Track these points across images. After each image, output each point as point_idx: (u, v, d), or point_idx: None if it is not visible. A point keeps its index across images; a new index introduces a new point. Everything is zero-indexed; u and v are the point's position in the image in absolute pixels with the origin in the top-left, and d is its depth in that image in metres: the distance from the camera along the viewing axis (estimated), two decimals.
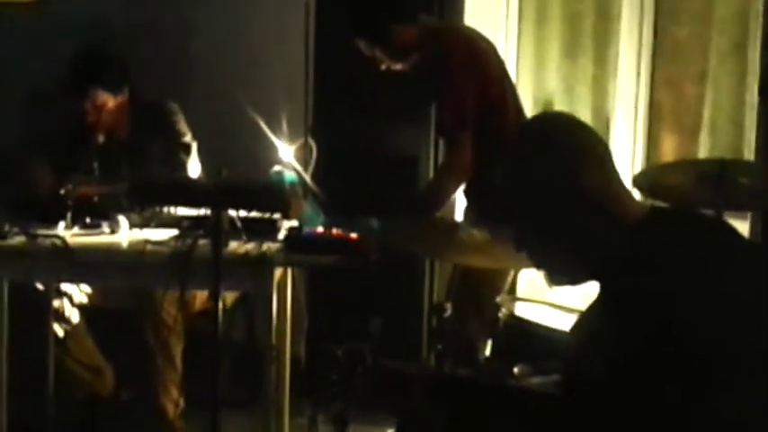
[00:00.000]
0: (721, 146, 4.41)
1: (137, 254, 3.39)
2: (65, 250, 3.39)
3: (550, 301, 3.52)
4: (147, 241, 3.43)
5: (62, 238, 3.43)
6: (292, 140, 3.79)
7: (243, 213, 3.39)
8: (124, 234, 3.58)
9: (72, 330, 4.14)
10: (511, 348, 3.23)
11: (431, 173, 4.64)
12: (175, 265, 3.27)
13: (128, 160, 4.14)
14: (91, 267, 3.47)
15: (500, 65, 4.01)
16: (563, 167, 1.91)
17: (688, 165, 3.92)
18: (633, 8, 4.56)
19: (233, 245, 3.31)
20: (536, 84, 4.79)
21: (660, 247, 1.85)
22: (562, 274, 2.02)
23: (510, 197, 1.99)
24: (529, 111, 4.30)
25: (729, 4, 4.42)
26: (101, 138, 4.27)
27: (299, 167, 3.69)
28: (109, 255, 3.45)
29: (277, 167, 3.65)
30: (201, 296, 3.90)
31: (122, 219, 3.60)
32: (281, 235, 3.47)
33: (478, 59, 3.87)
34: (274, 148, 3.72)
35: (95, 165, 4.20)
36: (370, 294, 4.26)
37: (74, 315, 4.11)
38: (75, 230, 3.59)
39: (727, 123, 4.43)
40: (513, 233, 2.02)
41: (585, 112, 4.64)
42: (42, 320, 4.04)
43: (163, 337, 3.94)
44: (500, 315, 3.34)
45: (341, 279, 4.01)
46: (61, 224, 3.59)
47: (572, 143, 1.95)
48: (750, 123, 4.31)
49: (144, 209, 3.63)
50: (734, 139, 4.40)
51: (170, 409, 4.00)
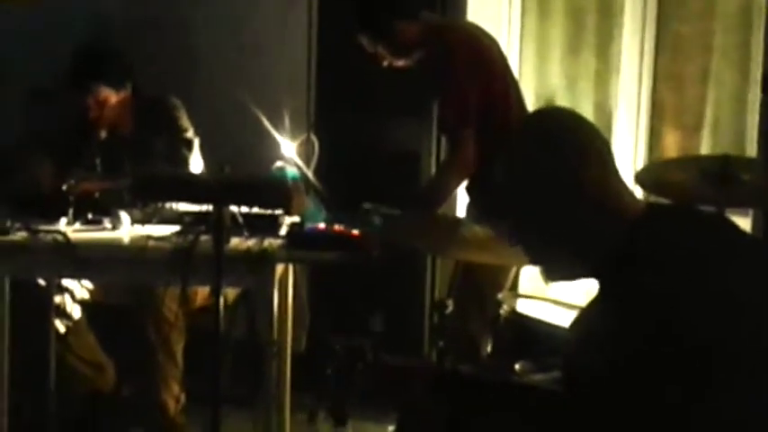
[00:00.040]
0: (724, 142, 4.41)
1: (138, 250, 3.39)
2: (66, 246, 3.38)
3: (552, 298, 3.52)
4: (149, 237, 3.43)
5: (64, 234, 3.42)
6: (294, 136, 3.79)
7: (245, 209, 3.39)
8: (126, 230, 3.58)
9: (73, 326, 4.13)
10: (512, 345, 3.23)
11: (433, 169, 4.64)
12: (177, 261, 3.27)
13: (130, 156, 4.13)
14: (92, 263, 3.47)
15: (503, 61, 4.01)
16: (563, 163, 1.90)
17: (690, 161, 3.91)
18: (636, 4, 4.56)
19: (235, 241, 3.31)
20: (539, 80, 4.79)
21: (659, 244, 1.84)
22: (559, 270, 2.02)
23: (510, 193, 1.98)
24: (531, 107, 4.29)
25: (732, 1, 4.42)
26: (103, 133, 4.28)
27: (301, 163, 3.69)
28: (110, 250, 3.45)
29: (279, 163, 3.65)
30: (203, 292, 3.90)
31: (124, 214, 3.60)
32: (283, 231, 3.47)
33: (481, 56, 3.86)
34: (276, 144, 3.72)
35: (97, 160, 4.20)
36: (371, 290, 4.26)
37: (75, 311, 4.11)
38: (76, 226, 3.59)
39: (729, 120, 4.43)
40: (508, 228, 2.02)
41: (588, 109, 4.63)
42: (44, 316, 4.03)
43: (164, 333, 3.94)
44: (502, 312, 3.34)
45: (343, 275, 4.00)
46: (63, 220, 3.59)
47: (573, 139, 1.94)
48: (753, 120, 4.31)
49: (146, 204, 3.63)
50: (736, 136, 4.40)
51: (171, 405, 4.00)
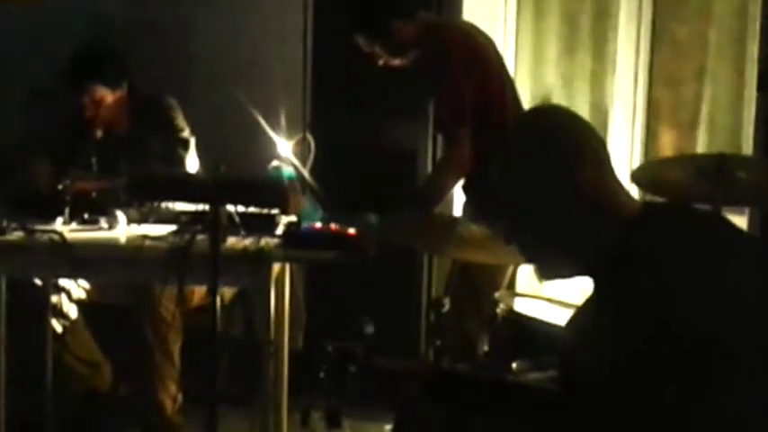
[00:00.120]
0: (720, 141, 4.41)
1: (135, 249, 3.39)
2: (63, 246, 3.38)
3: (549, 297, 3.52)
4: (146, 236, 3.42)
5: (60, 234, 3.42)
6: (291, 136, 3.79)
7: (241, 209, 3.40)
8: (122, 229, 3.58)
9: (70, 326, 4.13)
10: (509, 344, 3.23)
11: (429, 167, 4.64)
12: (173, 261, 3.27)
13: (126, 155, 4.13)
14: (89, 263, 3.46)
15: (499, 60, 4.01)
16: (559, 162, 1.90)
17: (687, 160, 3.92)
18: (631, 3, 4.56)
19: (231, 240, 3.31)
20: (534, 79, 4.79)
21: (655, 243, 1.84)
22: (554, 269, 2.01)
23: (506, 191, 1.98)
24: (527, 106, 4.30)
25: (727, 0, 4.41)
26: (99, 133, 4.27)
27: (298, 163, 3.69)
28: (107, 250, 3.45)
29: (275, 163, 3.65)
30: (200, 291, 3.90)
31: (120, 214, 3.59)
32: (280, 230, 3.47)
33: (477, 55, 3.87)
34: (272, 144, 3.72)
35: (93, 160, 4.20)
36: (368, 290, 4.26)
37: (72, 310, 4.11)
38: (73, 226, 3.59)
39: (725, 118, 4.43)
40: (504, 226, 2.01)
41: (584, 108, 4.63)
42: (40, 316, 4.03)
43: (161, 333, 3.94)
44: (498, 310, 3.34)
45: (339, 274, 4.00)
46: (59, 219, 3.59)
47: (569, 138, 1.94)
48: (748, 118, 4.30)
49: (142, 204, 3.62)
50: (732, 135, 4.40)
51: (168, 405, 4.00)
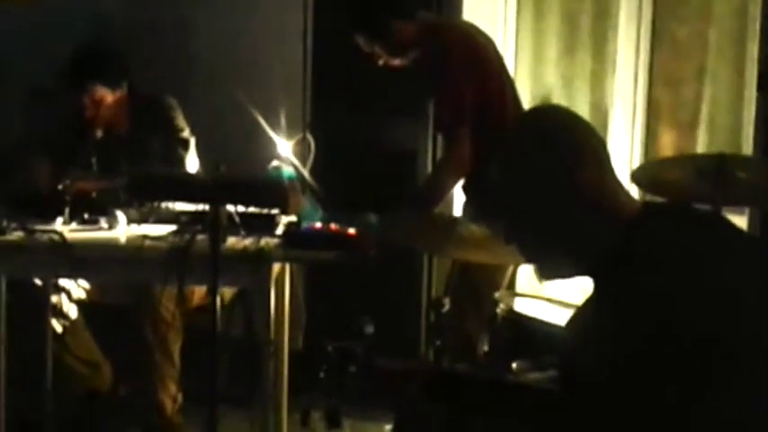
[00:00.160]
0: (720, 141, 4.40)
1: (135, 249, 3.38)
2: (63, 246, 3.38)
3: (549, 297, 3.52)
4: (146, 236, 3.42)
5: (60, 234, 3.42)
6: (290, 136, 3.79)
7: (241, 209, 3.39)
8: (122, 229, 3.58)
9: (70, 326, 4.13)
10: (509, 344, 3.23)
11: (429, 167, 4.64)
12: (173, 261, 3.27)
13: (126, 155, 4.13)
14: (89, 263, 3.46)
15: (498, 60, 4.01)
16: (559, 162, 1.90)
17: (687, 160, 3.92)
18: (631, 3, 4.56)
19: (231, 240, 3.31)
20: (534, 79, 4.79)
21: (655, 243, 1.84)
22: (554, 269, 2.01)
23: (506, 191, 1.98)
24: (527, 106, 4.29)
25: (727, 0, 4.41)
26: (99, 133, 4.27)
27: (298, 163, 3.69)
28: (107, 250, 3.45)
29: (275, 163, 3.65)
30: (200, 292, 3.90)
31: (120, 214, 3.59)
32: (280, 230, 3.47)
33: (477, 55, 3.87)
34: (272, 144, 3.72)
35: (93, 160, 4.20)
36: (368, 290, 4.26)
37: (72, 310, 4.11)
38: (73, 226, 3.59)
39: (725, 119, 4.43)
40: (504, 226, 2.01)
41: (584, 108, 4.63)
42: (40, 316, 4.03)
43: (161, 333, 3.94)
44: (499, 310, 3.34)
45: (339, 274, 4.00)
46: (59, 219, 3.58)
47: (569, 138, 1.93)
48: (748, 118, 4.30)
49: (142, 204, 3.62)
50: (732, 135, 4.40)
51: (168, 405, 4.00)
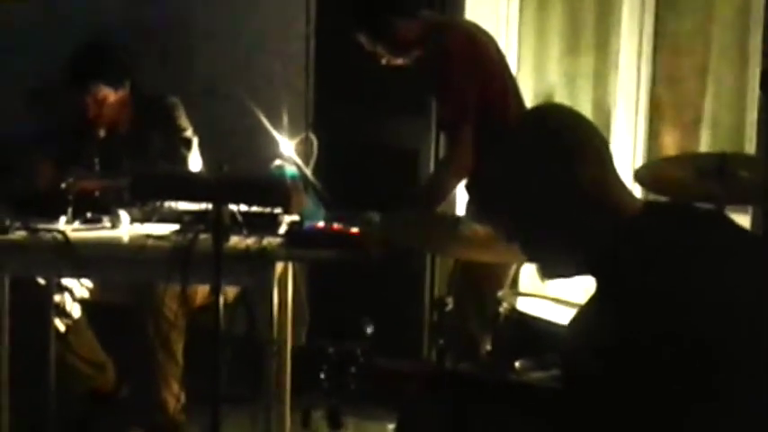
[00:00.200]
0: (722, 140, 4.40)
1: (138, 248, 3.39)
2: (66, 245, 3.38)
3: (552, 296, 3.52)
4: (148, 236, 3.43)
5: (63, 233, 3.42)
6: (293, 135, 3.79)
7: (244, 208, 3.40)
8: (125, 229, 3.58)
9: (73, 325, 4.13)
10: (512, 343, 3.23)
11: (432, 166, 4.64)
12: (176, 260, 3.27)
13: (129, 155, 4.13)
14: (92, 262, 3.47)
15: (501, 59, 4.01)
16: (561, 161, 1.90)
17: (689, 159, 3.91)
18: (634, 1, 4.55)
19: (234, 239, 3.31)
20: (537, 78, 4.78)
21: (656, 241, 1.84)
22: (556, 268, 2.01)
23: (507, 190, 1.98)
24: (530, 105, 4.29)
25: None
26: (102, 132, 4.27)
27: (300, 162, 3.69)
28: (110, 249, 3.45)
29: (278, 162, 3.65)
30: (203, 291, 3.90)
31: (123, 213, 3.60)
32: (282, 229, 3.47)
33: (480, 54, 3.86)
34: (275, 143, 3.72)
35: (96, 159, 4.20)
36: (371, 289, 4.26)
37: (75, 310, 4.11)
38: (76, 225, 3.59)
39: (727, 117, 4.43)
40: (505, 225, 2.01)
41: (586, 106, 4.63)
42: (43, 315, 4.03)
43: (164, 332, 3.94)
44: (501, 310, 3.34)
45: (342, 274, 4.00)
46: (62, 219, 3.59)
47: (571, 137, 1.93)
48: (751, 117, 4.30)
49: (145, 203, 3.63)
50: (735, 133, 4.39)
51: (171, 404, 3.99)
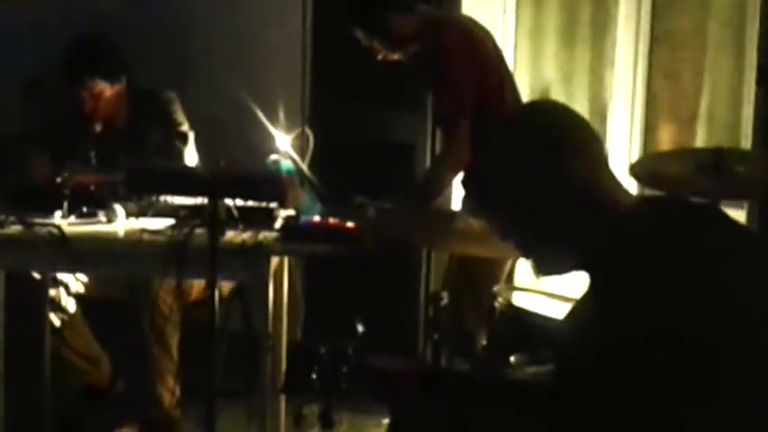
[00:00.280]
0: (719, 135, 4.40)
1: (133, 243, 3.39)
2: (61, 239, 3.38)
3: (548, 291, 3.52)
4: (144, 230, 3.42)
5: (59, 227, 3.42)
6: (289, 129, 3.79)
7: (240, 202, 3.39)
8: (121, 223, 3.57)
9: (68, 320, 4.13)
10: (508, 338, 3.23)
11: (428, 161, 4.64)
12: (172, 255, 3.27)
13: (125, 149, 4.13)
14: (87, 256, 3.47)
15: (497, 54, 4.01)
16: (555, 158, 1.90)
17: (685, 154, 3.91)
18: None
19: (230, 234, 3.31)
20: (533, 73, 4.78)
21: (650, 236, 1.84)
22: (550, 264, 2.01)
23: (501, 186, 1.98)
24: (526, 100, 4.29)
25: None
26: (98, 126, 4.26)
27: (296, 156, 3.69)
28: (105, 244, 3.45)
29: (274, 156, 3.65)
30: (198, 285, 3.90)
31: (119, 208, 3.59)
32: (278, 224, 3.47)
33: (476, 49, 3.86)
34: (271, 138, 3.72)
35: (92, 153, 4.20)
36: (366, 284, 4.26)
37: (70, 304, 4.11)
38: (71, 219, 3.58)
39: (724, 112, 4.42)
40: (501, 221, 2.01)
41: (582, 102, 4.63)
42: (38, 310, 4.03)
43: (159, 327, 3.93)
44: (497, 304, 3.34)
45: (337, 268, 4.00)
46: (58, 213, 3.58)
47: (564, 133, 1.93)
48: (747, 112, 4.29)
49: (141, 198, 3.62)
50: (731, 129, 4.39)
51: (166, 399, 4.00)
